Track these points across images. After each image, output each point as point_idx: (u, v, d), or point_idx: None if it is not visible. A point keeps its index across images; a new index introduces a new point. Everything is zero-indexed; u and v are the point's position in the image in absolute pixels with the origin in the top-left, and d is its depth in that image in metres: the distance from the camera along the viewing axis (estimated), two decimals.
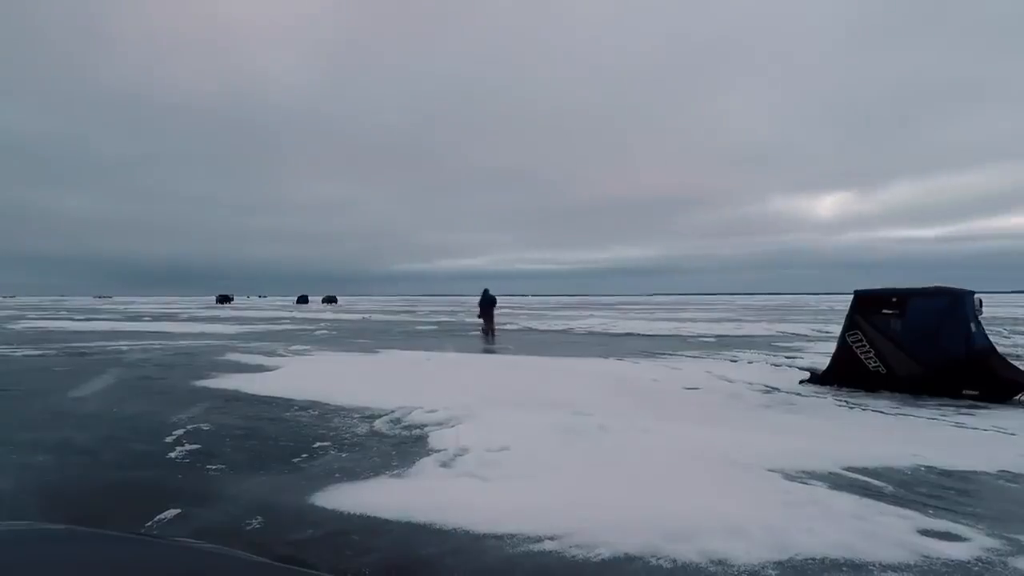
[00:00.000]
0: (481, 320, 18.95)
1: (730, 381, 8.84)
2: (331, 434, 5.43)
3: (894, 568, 2.78)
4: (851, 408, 6.99)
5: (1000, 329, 18.72)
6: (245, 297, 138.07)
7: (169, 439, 5.22)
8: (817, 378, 8.66)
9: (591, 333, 20.55)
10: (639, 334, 19.62)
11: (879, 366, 8.02)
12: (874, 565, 2.80)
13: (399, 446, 5.01)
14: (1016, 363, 8.32)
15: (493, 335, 18.44)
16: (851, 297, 8.62)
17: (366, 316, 34.31)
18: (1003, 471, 4.45)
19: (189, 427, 5.67)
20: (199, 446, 5.00)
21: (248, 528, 3.25)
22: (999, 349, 8.43)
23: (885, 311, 8.11)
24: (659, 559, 2.88)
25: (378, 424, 5.80)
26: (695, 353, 13.22)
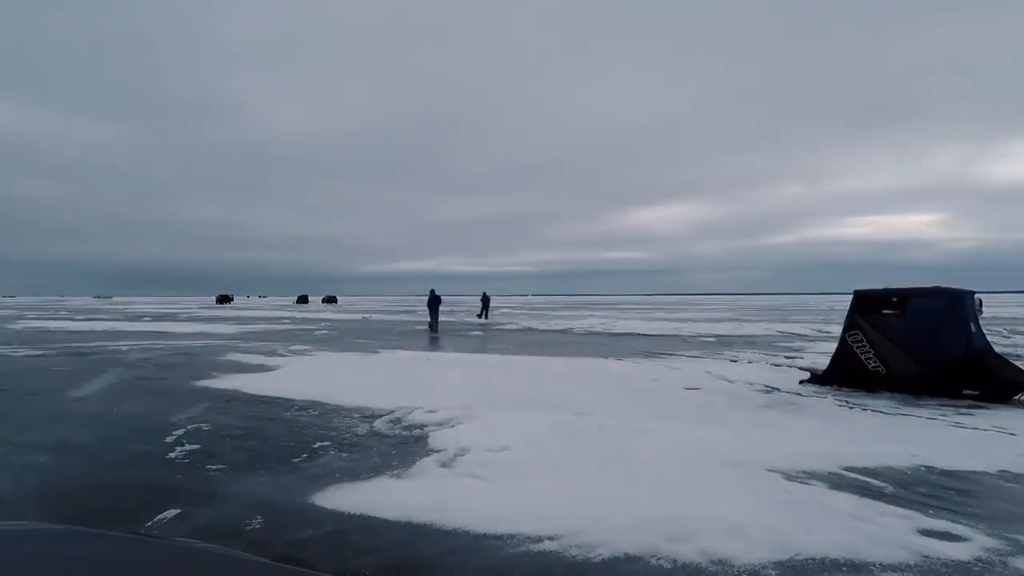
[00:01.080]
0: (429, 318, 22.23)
1: (730, 381, 8.84)
2: (331, 434, 5.43)
3: (894, 568, 2.78)
4: (851, 408, 6.98)
5: (1000, 329, 18.71)
6: (245, 297, 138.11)
7: (169, 439, 5.22)
8: (817, 378, 8.65)
9: (591, 333, 20.55)
10: (639, 334, 19.62)
11: (879, 366, 8.02)
12: (874, 565, 2.80)
13: (399, 446, 5.01)
14: (1016, 363, 8.32)
15: (435, 329, 21.36)
16: (851, 297, 8.62)
17: (366, 316, 34.32)
18: (1003, 471, 4.45)
19: (189, 427, 5.67)
20: (199, 446, 5.00)
21: (248, 528, 3.25)
22: (999, 349, 8.43)
23: (885, 311, 8.11)
24: (659, 559, 2.88)
25: (378, 424, 5.80)
26: (695, 353, 13.21)
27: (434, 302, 22.30)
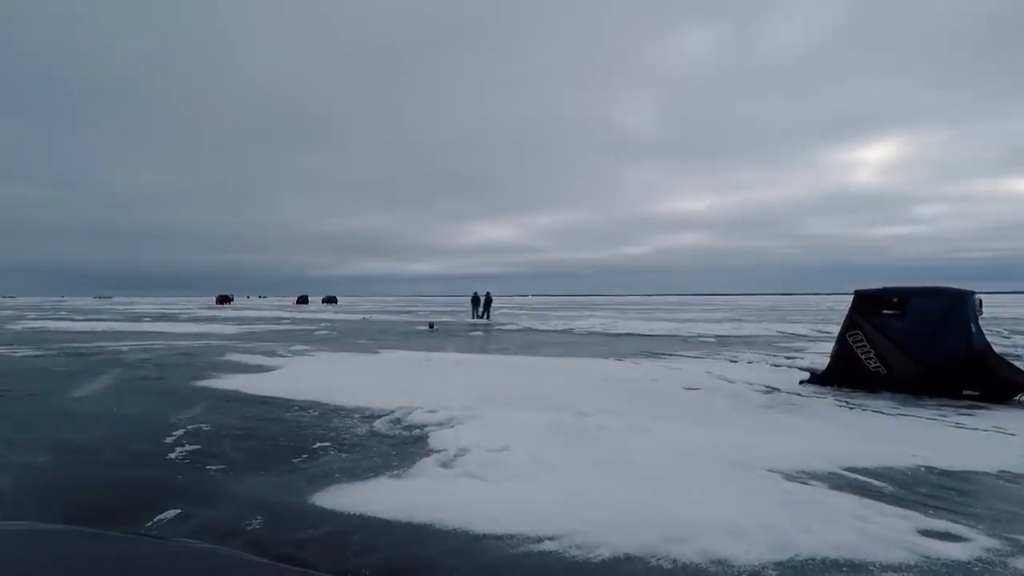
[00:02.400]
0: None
1: (730, 381, 8.84)
2: (331, 434, 5.43)
3: (894, 568, 2.78)
4: (851, 408, 6.98)
5: (1000, 329, 18.71)
6: (245, 297, 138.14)
7: (169, 439, 5.22)
8: (817, 378, 8.65)
9: (591, 333, 20.55)
10: (639, 334, 19.62)
11: (879, 366, 8.01)
12: (874, 565, 2.80)
13: (399, 446, 5.01)
14: (1016, 363, 8.32)
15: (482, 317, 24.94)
16: (852, 297, 8.62)
17: (366, 316, 34.33)
18: (1003, 471, 4.45)
19: (189, 427, 5.67)
20: (199, 446, 5.00)
21: (248, 528, 3.25)
22: (999, 349, 8.43)
23: (886, 311, 8.10)
24: (659, 559, 2.88)
25: (378, 424, 5.80)
26: (695, 353, 13.21)
27: (477, 300, 28.21)
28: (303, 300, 72.17)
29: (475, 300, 30.01)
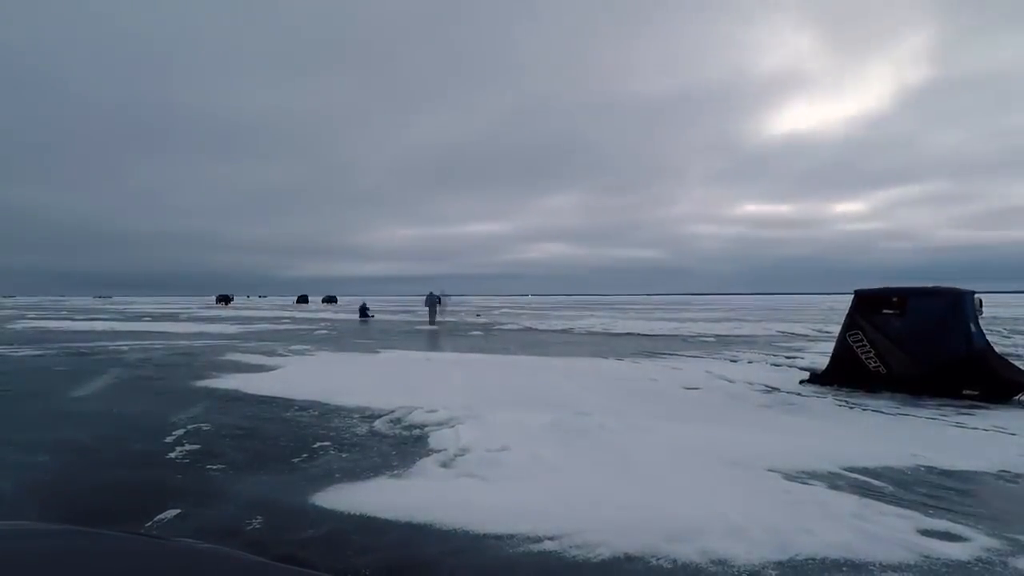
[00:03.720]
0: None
1: (730, 381, 8.84)
2: (331, 434, 5.43)
3: (894, 568, 2.78)
4: (851, 408, 6.98)
5: (1000, 329, 18.71)
6: (245, 297, 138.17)
7: (169, 439, 5.22)
8: (817, 378, 8.65)
9: (591, 333, 20.55)
10: (639, 334, 19.62)
11: (879, 366, 8.01)
12: (874, 565, 2.80)
13: (399, 446, 5.01)
14: (1016, 363, 8.31)
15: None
16: (851, 297, 8.61)
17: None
18: (1003, 471, 4.45)
19: (189, 427, 5.67)
20: (199, 446, 5.00)
21: (248, 528, 3.25)
22: (999, 349, 8.42)
23: (886, 311, 8.10)
24: (659, 559, 2.88)
25: (378, 424, 5.80)
26: (695, 353, 13.21)
27: (433, 300, 25.86)
28: (303, 300, 72.17)
29: (431, 300, 26.73)
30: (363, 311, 32.82)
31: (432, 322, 25.29)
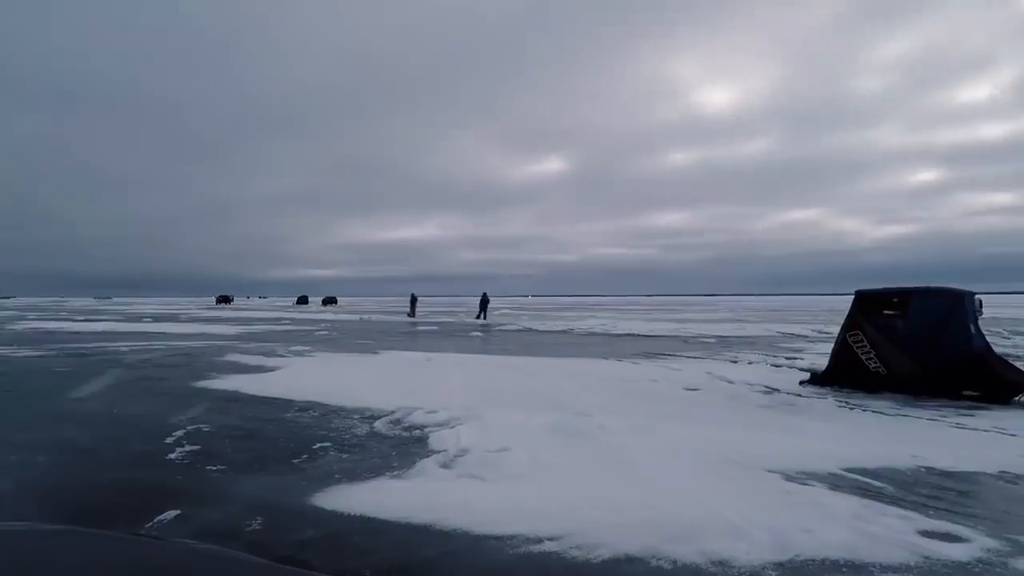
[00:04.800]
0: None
1: (730, 382, 8.84)
2: (331, 435, 5.43)
3: (894, 569, 2.78)
4: (851, 409, 6.98)
5: (1000, 330, 18.71)
6: (245, 298, 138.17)
7: (169, 440, 5.22)
8: (817, 379, 8.65)
9: (591, 334, 20.54)
10: (639, 335, 19.62)
11: (880, 367, 8.01)
12: (874, 566, 2.80)
13: (399, 447, 5.01)
14: (1016, 363, 8.31)
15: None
16: (851, 297, 8.61)
17: (364, 317, 34.34)
18: (1003, 472, 4.45)
19: (189, 428, 5.66)
20: (199, 447, 5.00)
21: (248, 529, 3.25)
22: (999, 350, 8.42)
23: (886, 311, 8.10)
24: (659, 560, 2.88)
25: (378, 425, 5.80)
26: (695, 354, 13.21)
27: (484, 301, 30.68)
28: (303, 300, 72.21)
29: (413, 300, 35.55)
30: (412, 302, 35.18)
31: (481, 318, 30.03)
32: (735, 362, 11.56)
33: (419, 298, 37.14)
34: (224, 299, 71.44)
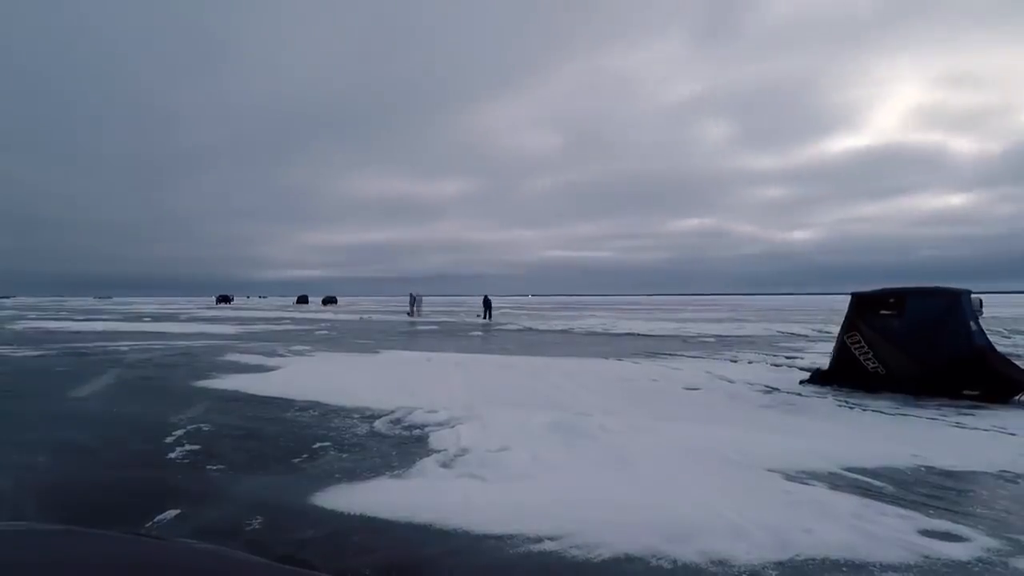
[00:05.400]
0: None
1: (730, 381, 8.84)
2: (332, 434, 5.43)
3: (894, 568, 2.78)
4: (851, 408, 6.98)
5: (1000, 329, 18.71)
6: (245, 297, 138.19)
7: (169, 439, 5.22)
8: (817, 378, 8.65)
9: (591, 333, 20.55)
10: (639, 334, 19.62)
11: (878, 367, 8.01)
12: (874, 565, 2.80)
13: (400, 446, 5.01)
14: (1016, 363, 8.31)
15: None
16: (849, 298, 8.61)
17: (363, 316, 34.33)
18: (1003, 471, 4.45)
19: (189, 427, 5.67)
20: (199, 446, 5.00)
21: (248, 528, 3.25)
22: (999, 349, 8.41)
23: (883, 312, 8.09)
24: (659, 559, 2.88)
25: (378, 424, 5.80)
26: (695, 353, 13.21)
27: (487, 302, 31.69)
28: (303, 300, 72.21)
29: (412, 299, 35.92)
30: (412, 302, 35.34)
31: (486, 318, 30.43)
32: (735, 361, 11.56)
33: (419, 297, 37.27)
34: (224, 299, 71.45)
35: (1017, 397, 7.28)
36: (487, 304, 31.89)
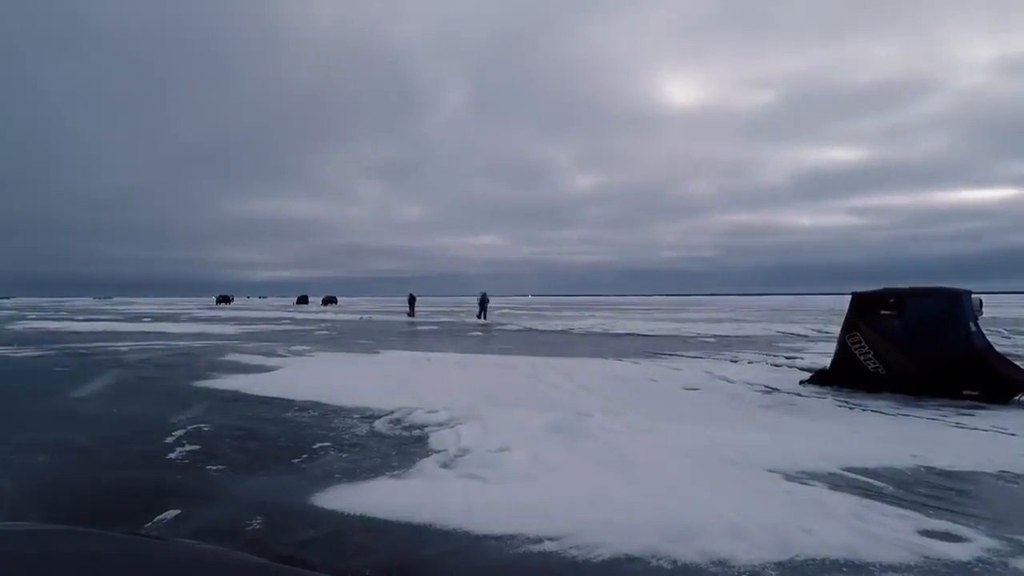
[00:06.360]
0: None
1: (730, 381, 8.84)
2: (332, 434, 5.43)
3: (894, 568, 2.78)
4: (851, 409, 6.98)
5: (1000, 329, 18.71)
6: (245, 297, 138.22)
7: (169, 440, 5.22)
8: (817, 379, 8.65)
9: (591, 333, 20.54)
10: (639, 334, 19.61)
11: (878, 367, 8.01)
12: (874, 565, 2.80)
13: (400, 446, 5.01)
14: (1016, 363, 8.31)
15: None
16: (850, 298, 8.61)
17: (363, 317, 34.33)
18: (1003, 471, 4.45)
19: (189, 427, 5.66)
20: (199, 446, 5.00)
21: (248, 529, 3.25)
22: (999, 350, 8.41)
23: (883, 312, 8.10)
24: (659, 559, 2.88)
25: (379, 424, 5.80)
26: (695, 353, 13.21)
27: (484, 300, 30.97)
28: (303, 300, 72.21)
29: (411, 300, 36.82)
30: (411, 303, 36.23)
31: (482, 318, 30.40)
32: (735, 362, 11.56)
33: (418, 297, 38.24)
34: (224, 299, 71.45)
35: (1017, 397, 7.28)
36: (483, 303, 30.68)
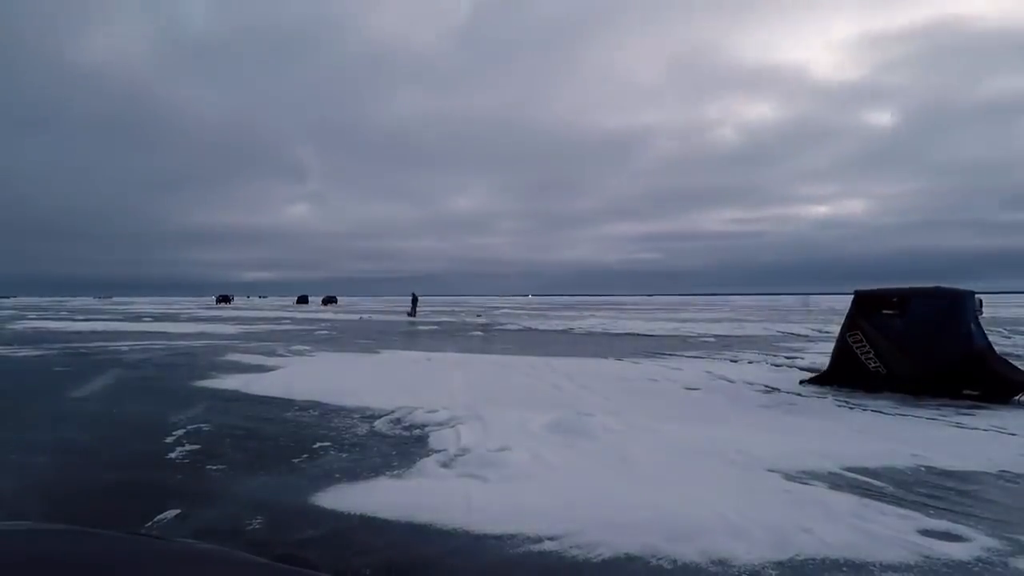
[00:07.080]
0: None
1: (730, 381, 8.84)
2: (332, 434, 5.43)
3: (894, 568, 2.78)
4: (851, 408, 6.98)
5: (1000, 329, 18.70)
6: (245, 297, 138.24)
7: (169, 439, 5.22)
8: (817, 378, 8.65)
9: (591, 333, 20.54)
10: (639, 334, 19.61)
11: (879, 366, 8.01)
12: (874, 565, 2.80)
13: (400, 446, 5.01)
14: (1016, 363, 8.31)
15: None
16: (851, 297, 8.61)
17: (363, 316, 34.34)
18: (1003, 471, 4.45)
19: (189, 427, 5.67)
20: (199, 446, 5.00)
21: (248, 528, 3.26)
22: (999, 349, 8.42)
23: (885, 311, 8.10)
24: (659, 559, 2.88)
25: (379, 424, 5.80)
26: (695, 353, 13.21)
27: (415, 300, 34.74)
28: (303, 300, 72.20)
29: (414, 299, 36.91)
30: (414, 302, 36.41)
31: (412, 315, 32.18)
32: (735, 361, 11.56)
33: (419, 297, 38.16)
34: (224, 299, 71.46)
35: (1017, 397, 7.28)
36: (414, 301, 34.42)
